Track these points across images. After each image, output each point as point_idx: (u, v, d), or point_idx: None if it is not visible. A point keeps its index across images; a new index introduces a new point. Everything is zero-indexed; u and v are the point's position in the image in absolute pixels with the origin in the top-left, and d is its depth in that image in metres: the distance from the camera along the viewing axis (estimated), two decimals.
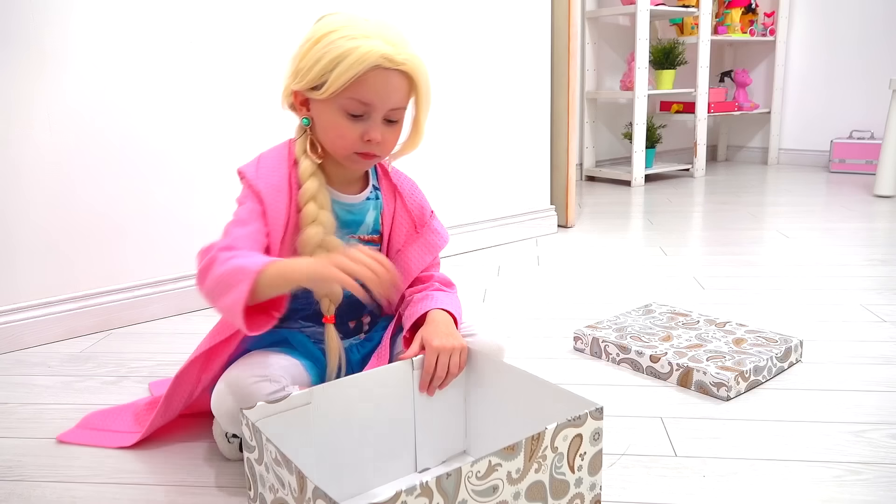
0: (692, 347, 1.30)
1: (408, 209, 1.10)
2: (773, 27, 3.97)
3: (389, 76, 0.94)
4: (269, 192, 0.98)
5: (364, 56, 0.91)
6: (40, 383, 1.34)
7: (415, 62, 0.96)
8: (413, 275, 1.10)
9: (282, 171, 1.00)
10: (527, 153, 2.37)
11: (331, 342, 1.03)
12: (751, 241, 2.29)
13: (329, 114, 0.96)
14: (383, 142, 0.98)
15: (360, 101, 0.94)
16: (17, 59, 1.45)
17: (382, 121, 0.97)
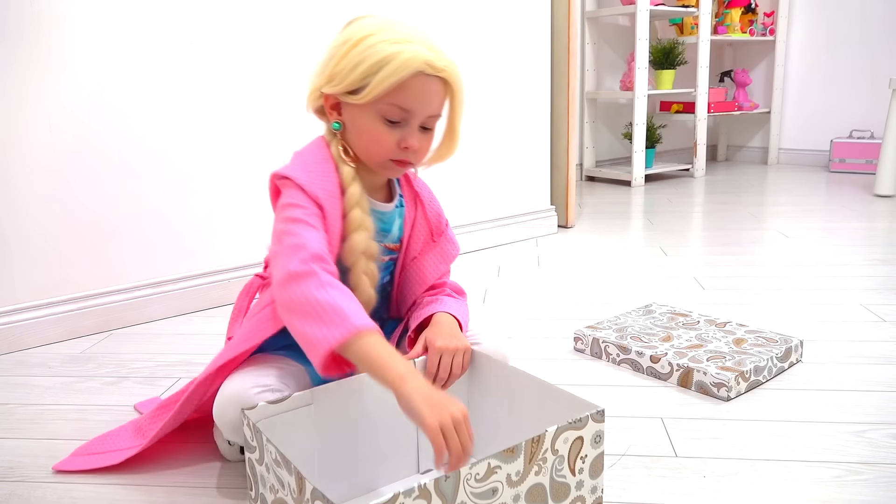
0: (692, 348, 1.30)
1: (427, 217, 1.09)
2: (773, 27, 3.97)
3: (430, 82, 0.92)
4: (326, 199, 0.93)
5: (408, 61, 0.89)
6: (41, 384, 1.34)
7: (454, 69, 0.94)
8: (428, 283, 1.09)
9: (331, 176, 0.96)
10: (527, 153, 2.37)
11: None
12: (751, 241, 2.29)
13: (366, 119, 0.93)
14: (419, 149, 0.96)
15: (401, 107, 0.91)
16: (16, 61, 1.45)
17: (419, 128, 0.95)
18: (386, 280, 1.11)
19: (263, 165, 1.79)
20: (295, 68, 1.80)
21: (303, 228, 0.89)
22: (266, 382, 0.94)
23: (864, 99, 3.77)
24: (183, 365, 1.40)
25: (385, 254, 1.08)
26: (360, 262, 0.98)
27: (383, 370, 0.79)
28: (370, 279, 1.00)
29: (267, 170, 1.79)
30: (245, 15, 1.71)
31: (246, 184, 1.78)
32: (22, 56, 1.45)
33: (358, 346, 0.80)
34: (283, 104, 1.80)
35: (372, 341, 0.80)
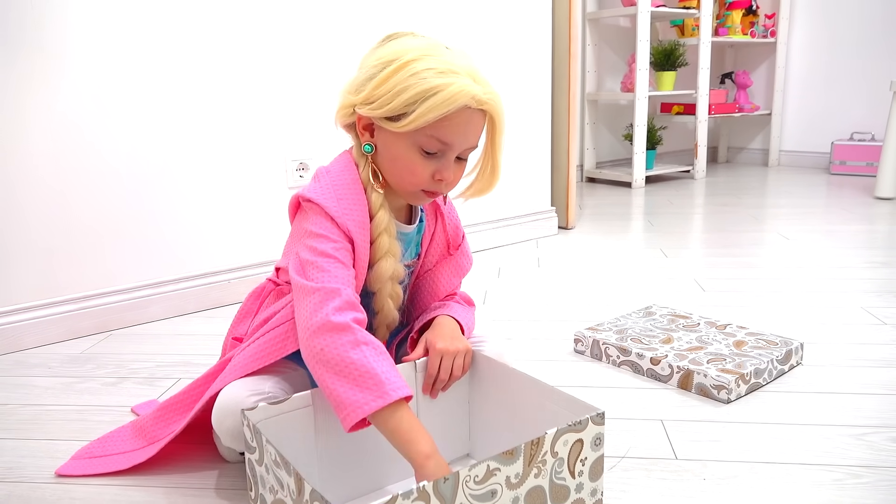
0: (693, 350, 1.30)
1: (445, 230, 1.08)
2: (774, 29, 3.97)
3: (473, 116, 0.89)
4: (357, 231, 0.91)
5: (456, 96, 0.85)
6: (40, 384, 1.34)
7: (497, 101, 0.90)
8: (440, 295, 1.08)
9: (362, 203, 0.93)
10: (527, 155, 2.37)
11: None
12: (751, 243, 2.29)
13: (402, 148, 0.90)
14: (453, 181, 0.94)
15: (441, 140, 0.88)
16: (16, 63, 1.45)
17: (454, 159, 0.92)
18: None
19: (262, 167, 1.79)
20: (291, 70, 1.80)
21: (334, 266, 0.87)
22: (263, 389, 0.92)
23: (864, 101, 3.77)
24: (182, 365, 1.40)
25: (405, 269, 1.07)
26: (386, 287, 0.97)
27: (409, 446, 0.79)
28: (395, 301, 1.00)
29: (266, 171, 1.80)
30: (242, 18, 1.71)
31: (244, 184, 1.78)
32: (22, 58, 1.45)
33: (388, 416, 0.79)
34: (280, 107, 1.80)
35: (401, 414, 0.80)
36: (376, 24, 1.88)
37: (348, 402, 0.79)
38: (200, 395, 1.01)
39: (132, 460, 1.03)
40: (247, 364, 0.94)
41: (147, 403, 1.24)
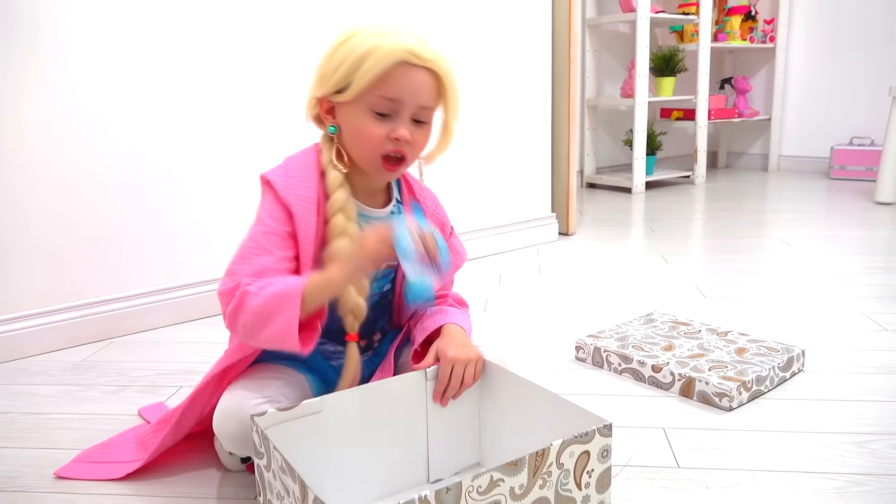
0: (694, 357, 1.30)
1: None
2: (773, 34, 3.98)
3: (416, 72, 0.91)
4: (298, 205, 0.94)
5: (390, 51, 0.88)
6: (42, 392, 1.33)
7: (442, 61, 0.93)
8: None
9: (311, 181, 0.96)
10: (528, 160, 2.37)
11: (350, 360, 1.00)
12: (752, 249, 2.29)
13: (356, 115, 0.93)
14: (412, 142, 0.94)
15: (388, 97, 0.91)
16: (15, 69, 1.46)
17: (410, 121, 0.93)
18: (387, 288, 1.11)
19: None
20: (293, 74, 1.80)
21: (255, 254, 0.93)
22: (265, 394, 0.94)
23: (864, 106, 3.78)
24: (184, 373, 1.40)
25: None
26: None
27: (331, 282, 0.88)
28: (356, 288, 0.98)
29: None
30: (244, 23, 1.72)
31: (246, 191, 1.78)
32: (21, 63, 1.46)
33: (308, 297, 0.86)
34: (281, 111, 1.80)
35: (312, 282, 0.87)
36: None
37: (280, 334, 0.85)
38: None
39: (128, 469, 1.03)
40: (231, 354, 0.98)
41: (154, 406, 1.25)
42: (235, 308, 0.88)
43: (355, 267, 0.88)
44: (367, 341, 1.14)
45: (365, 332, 1.13)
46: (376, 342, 1.15)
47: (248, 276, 0.90)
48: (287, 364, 1.04)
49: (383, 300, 1.13)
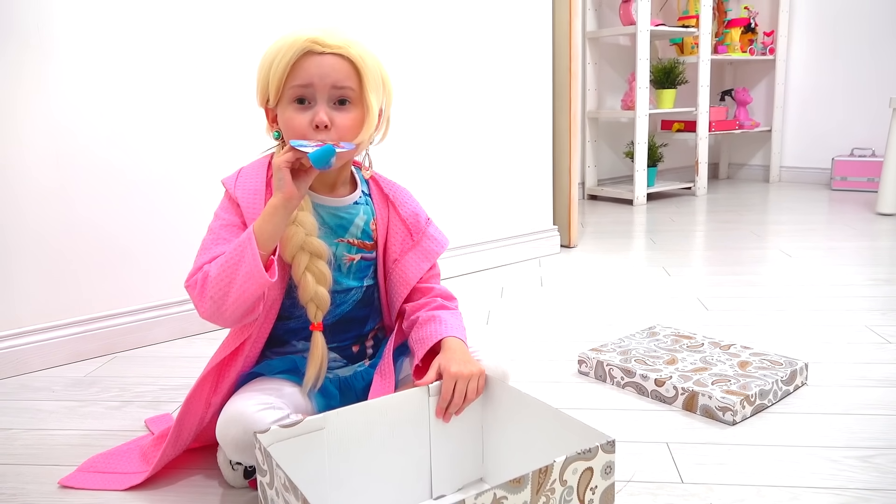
0: (697, 371, 1.29)
1: (402, 217, 1.11)
2: (773, 46, 3.99)
3: (324, 59, 0.96)
4: (246, 197, 1.01)
5: (292, 44, 0.95)
6: (44, 408, 1.33)
7: (350, 44, 0.97)
8: (411, 283, 1.10)
9: (260, 177, 1.03)
10: (529, 173, 2.38)
11: (314, 350, 1.01)
12: (754, 261, 2.29)
13: (283, 113, 0.99)
14: (335, 125, 0.97)
15: (299, 84, 0.96)
16: (20, 80, 1.46)
17: (331, 104, 0.97)
18: (368, 284, 1.11)
19: None
20: None
21: (212, 244, 1.00)
22: (267, 401, 0.96)
23: (865, 117, 3.79)
24: (187, 389, 1.39)
25: (353, 251, 1.08)
26: (300, 259, 0.99)
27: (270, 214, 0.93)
28: (316, 277, 1.00)
29: None
30: (254, 34, 1.73)
31: None
32: (26, 75, 1.47)
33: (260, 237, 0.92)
34: None
35: (257, 225, 0.93)
36: (380, 42, 1.89)
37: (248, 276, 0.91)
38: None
39: (130, 481, 1.04)
40: (216, 356, 1.03)
41: (161, 417, 1.26)
42: (201, 287, 0.94)
43: (279, 181, 0.92)
44: (360, 348, 1.15)
45: (354, 338, 1.13)
46: (370, 349, 1.16)
47: (207, 263, 0.97)
48: (285, 377, 1.05)
49: (368, 299, 1.14)
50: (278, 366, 1.07)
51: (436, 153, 2.13)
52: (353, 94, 0.99)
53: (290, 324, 1.09)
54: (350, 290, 1.10)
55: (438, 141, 2.13)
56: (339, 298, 1.09)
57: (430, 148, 2.12)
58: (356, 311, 1.12)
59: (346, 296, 1.10)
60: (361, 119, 1.01)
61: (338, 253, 1.07)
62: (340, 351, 1.13)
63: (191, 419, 1.05)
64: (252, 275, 0.91)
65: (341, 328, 1.11)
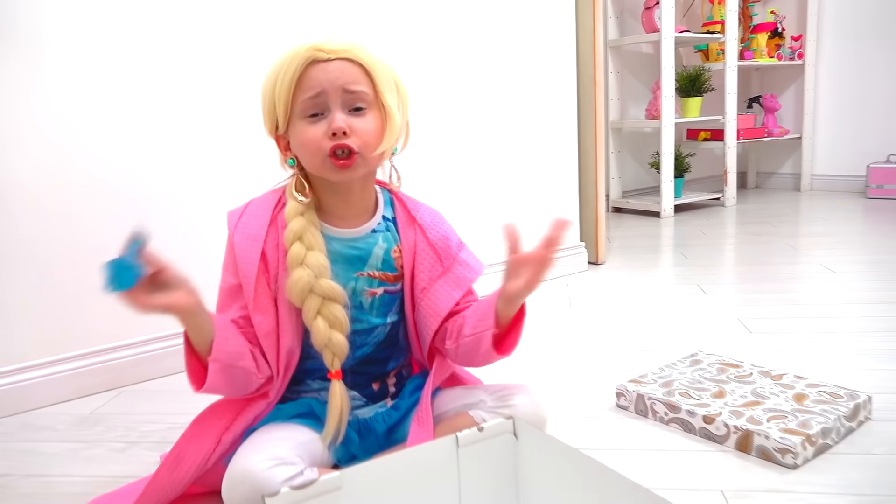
0: (749, 405, 1.18)
1: (430, 242, 1.01)
2: (801, 50, 3.87)
3: (330, 65, 0.89)
4: (242, 244, 0.94)
5: (294, 57, 0.89)
6: (46, 450, 1.25)
7: (355, 48, 0.91)
8: (442, 314, 1.00)
9: (263, 218, 0.96)
10: (554, 186, 2.28)
11: (333, 400, 0.93)
12: (793, 277, 2.17)
13: (296, 132, 0.92)
14: (355, 131, 0.89)
15: (309, 96, 0.89)
16: (16, 101, 1.40)
17: (346, 110, 0.90)
18: (392, 320, 1.02)
19: None
20: None
21: (220, 310, 0.97)
22: (278, 455, 0.86)
23: None
24: None
25: (374, 285, 0.99)
26: (310, 303, 0.90)
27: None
28: (329, 321, 0.91)
29: None
30: (256, 49, 1.65)
31: None
32: (23, 95, 1.40)
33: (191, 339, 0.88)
34: None
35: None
36: (398, 53, 1.81)
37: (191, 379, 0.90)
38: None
39: None
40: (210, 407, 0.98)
41: None
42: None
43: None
44: (381, 386, 1.05)
45: (375, 375, 1.04)
46: (392, 386, 1.06)
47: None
48: (298, 421, 0.97)
49: (392, 338, 1.04)
50: (291, 410, 0.99)
51: (455, 167, 2.04)
52: (368, 98, 0.91)
53: (307, 363, 1.00)
54: (373, 328, 1.01)
55: (458, 154, 2.04)
56: (359, 339, 1.00)
57: (449, 162, 2.03)
58: (377, 353, 1.02)
59: (367, 336, 1.01)
60: (381, 124, 0.92)
61: (357, 288, 0.98)
62: (359, 388, 1.04)
63: (195, 449, 0.95)
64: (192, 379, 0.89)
65: (360, 369, 1.02)
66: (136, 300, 0.80)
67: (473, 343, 0.96)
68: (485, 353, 0.95)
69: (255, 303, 0.93)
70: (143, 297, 0.81)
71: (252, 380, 0.93)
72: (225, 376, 0.90)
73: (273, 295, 0.95)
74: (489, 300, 0.96)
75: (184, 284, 0.85)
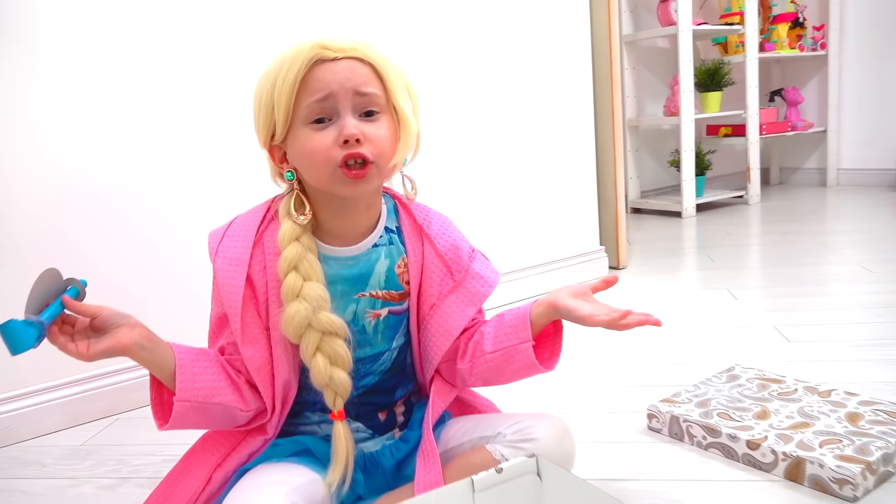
0: (797, 427, 1.06)
1: (439, 253, 0.90)
2: (824, 40, 3.72)
3: (338, 64, 0.78)
4: (224, 271, 0.83)
5: (297, 55, 0.78)
6: (31, 489, 1.16)
7: (365, 45, 0.81)
8: (454, 334, 0.89)
9: (247, 238, 0.84)
10: (571, 188, 2.17)
11: (338, 443, 0.84)
12: (829, 279, 2.04)
13: (297, 141, 0.80)
14: (367, 138, 0.78)
15: (316, 99, 0.78)
16: (9, 120, 1.31)
17: (356, 115, 0.79)
18: (401, 342, 0.92)
19: None
20: None
21: (210, 340, 0.90)
22: (273, 501, 0.76)
23: None
24: None
25: (378, 306, 0.89)
26: (308, 339, 0.81)
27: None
28: (330, 358, 0.82)
29: None
30: (256, 57, 1.56)
31: None
32: (18, 103, 1.31)
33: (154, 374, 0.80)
34: None
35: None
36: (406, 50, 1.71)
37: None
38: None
39: None
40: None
41: None
42: None
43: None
44: (389, 415, 0.95)
45: (381, 404, 0.94)
46: (400, 416, 0.96)
47: None
48: (295, 460, 0.86)
49: (399, 365, 0.94)
50: (287, 448, 0.88)
51: (467, 168, 1.94)
52: (380, 102, 0.80)
53: (306, 395, 0.90)
54: (379, 355, 0.90)
55: (470, 156, 1.94)
56: (364, 368, 0.90)
57: (461, 163, 1.92)
58: (384, 381, 0.92)
59: (373, 364, 0.90)
60: (395, 130, 0.82)
61: (358, 311, 0.88)
62: (364, 420, 0.94)
63: (183, 487, 0.86)
64: (156, 415, 0.81)
65: (365, 399, 0.92)
66: (77, 352, 0.74)
67: (501, 359, 0.88)
68: (517, 370, 0.88)
69: (243, 334, 0.83)
70: (82, 346, 0.74)
71: (236, 415, 0.84)
72: (199, 414, 0.80)
73: (264, 324, 0.84)
74: (514, 312, 0.89)
75: (124, 320, 0.78)
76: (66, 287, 0.76)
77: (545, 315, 0.87)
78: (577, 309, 0.84)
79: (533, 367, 0.87)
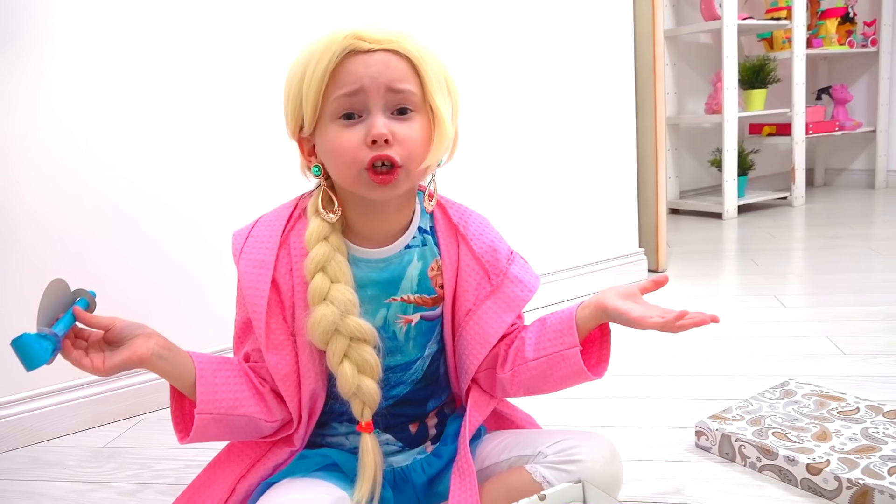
0: (862, 451, 0.98)
1: (475, 255, 0.84)
2: (875, 36, 3.57)
3: (372, 56, 0.73)
4: (248, 274, 0.78)
5: (329, 44, 0.72)
6: (51, 493, 1.13)
7: (404, 36, 0.74)
8: (491, 341, 0.83)
9: (273, 238, 0.80)
10: (611, 188, 2.09)
11: (366, 457, 0.79)
12: (885, 287, 1.93)
13: (325, 135, 0.75)
14: (398, 139, 0.73)
15: (345, 93, 0.72)
16: (14, 118, 1.28)
17: (388, 113, 0.73)
18: (433, 350, 0.86)
19: None
20: None
21: (236, 346, 0.85)
22: None
23: None
24: None
25: (409, 311, 0.83)
26: (336, 345, 0.75)
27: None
28: (358, 366, 0.76)
29: None
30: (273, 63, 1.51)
31: None
32: (28, 107, 1.28)
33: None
34: None
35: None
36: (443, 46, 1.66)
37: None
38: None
39: None
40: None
41: None
42: None
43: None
44: (420, 427, 0.89)
45: (413, 415, 0.88)
46: (432, 428, 0.90)
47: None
48: (321, 476, 0.81)
49: (432, 374, 0.88)
50: (313, 462, 0.83)
51: (505, 167, 1.87)
52: (415, 100, 0.74)
53: (334, 405, 0.85)
54: (410, 363, 0.85)
55: (508, 154, 1.87)
56: (394, 378, 0.84)
57: (499, 162, 1.85)
58: (415, 392, 0.86)
59: (404, 373, 0.85)
60: (429, 131, 0.75)
61: (389, 316, 0.82)
62: (394, 432, 0.88)
63: (205, 498, 0.82)
64: (177, 427, 0.78)
65: (395, 411, 0.86)
66: (92, 366, 0.69)
67: (546, 366, 0.82)
68: (563, 378, 0.82)
69: (268, 341, 0.78)
70: (97, 360, 0.69)
71: (261, 426, 0.79)
72: (222, 426, 0.76)
73: (290, 330, 0.79)
74: (558, 315, 0.83)
75: (139, 330, 0.73)
76: (75, 299, 0.71)
77: (592, 318, 0.81)
78: (629, 311, 0.78)
79: (581, 375, 0.81)
